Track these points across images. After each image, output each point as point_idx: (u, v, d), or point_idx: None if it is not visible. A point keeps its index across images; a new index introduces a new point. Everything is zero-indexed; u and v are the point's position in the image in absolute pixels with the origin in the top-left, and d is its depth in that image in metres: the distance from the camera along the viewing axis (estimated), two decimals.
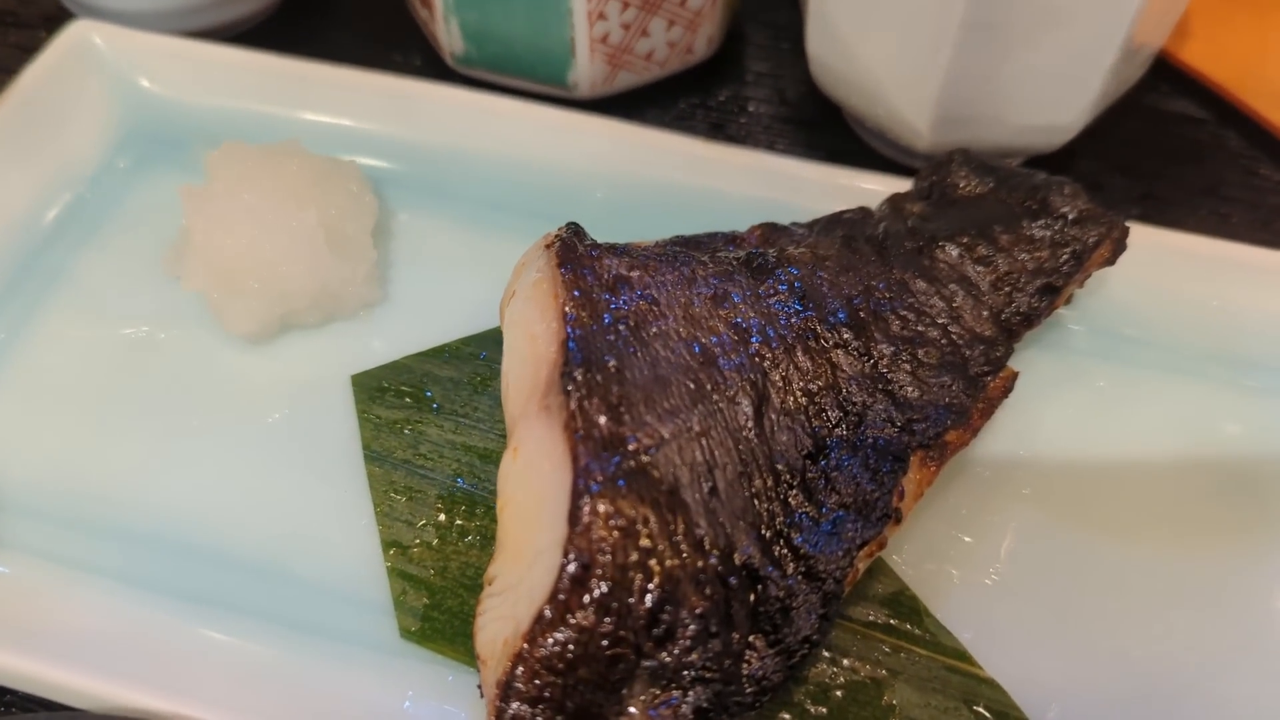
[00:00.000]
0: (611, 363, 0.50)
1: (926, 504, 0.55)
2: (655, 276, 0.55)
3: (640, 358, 0.51)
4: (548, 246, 0.55)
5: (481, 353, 0.62)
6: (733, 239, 0.62)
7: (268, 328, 0.62)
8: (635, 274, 0.55)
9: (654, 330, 0.53)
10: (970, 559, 0.55)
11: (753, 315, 0.54)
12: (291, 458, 0.59)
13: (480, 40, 0.73)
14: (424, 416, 0.60)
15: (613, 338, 0.52)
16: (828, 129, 0.78)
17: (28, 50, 0.82)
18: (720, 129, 0.79)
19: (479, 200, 0.70)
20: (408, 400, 0.60)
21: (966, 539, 0.56)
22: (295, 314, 0.62)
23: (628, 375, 0.50)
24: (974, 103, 0.65)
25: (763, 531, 0.48)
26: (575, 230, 0.55)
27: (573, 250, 0.54)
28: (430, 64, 0.80)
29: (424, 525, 0.55)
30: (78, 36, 0.73)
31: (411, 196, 0.70)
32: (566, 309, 0.51)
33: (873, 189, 0.66)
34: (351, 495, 0.57)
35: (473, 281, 0.65)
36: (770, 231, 0.62)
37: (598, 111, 0.69)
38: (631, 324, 0.53)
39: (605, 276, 0.54)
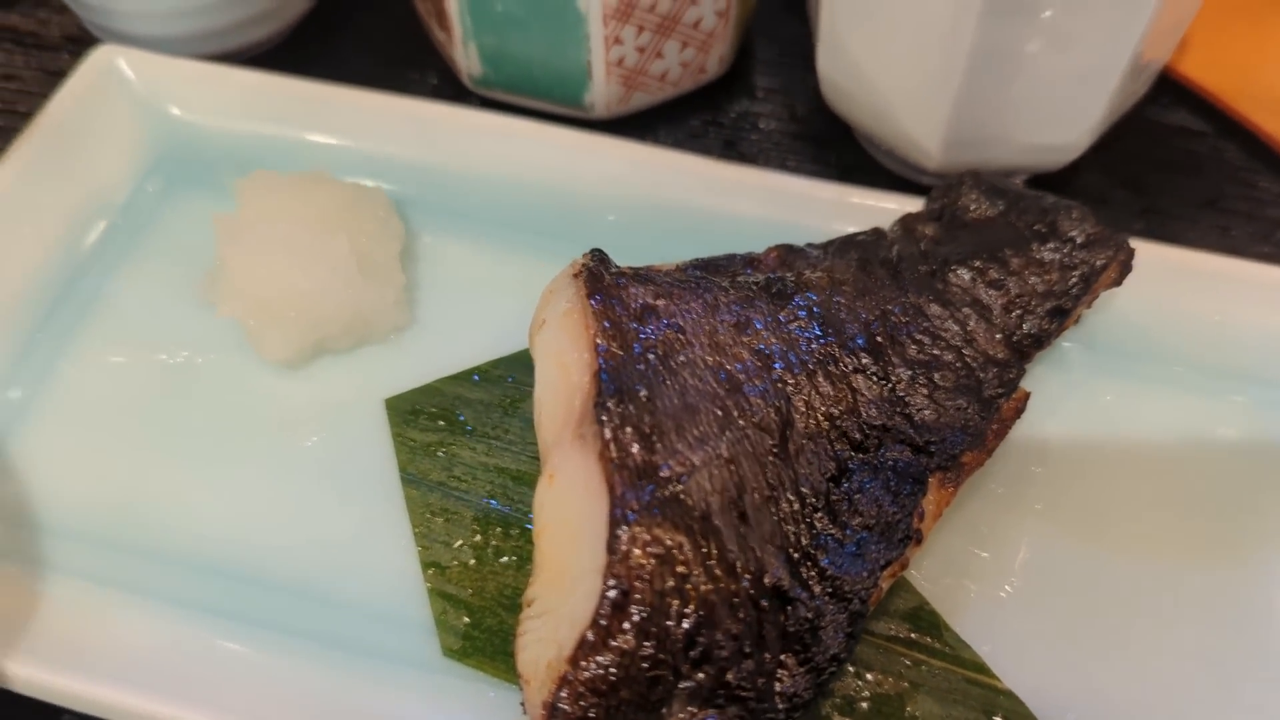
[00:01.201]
0: (642, 392, 0.52)
1: (944, 520, 0.57)
2: (680, 304, 0.57)
3: (669, 386, 0.53)
4: (575, 276, 0.57)
5: (510, 375, 0.64)
6: (750, 261, 0.64)
7: (302, 353, 0.64)
8: (661, 302, 0.57)
9: (681, 359, 0.55)
10: (987, 573, 0.57)
11: (774, 341, 0.56)
12: (329, 480, 0.61)
13: (498, 63, 0.75)
14: (457, 439, 0.62)
15: (642, 367, 0.54)
16: (838, 145, 0.80)
17: (51, 72, 0.84)
18: (732, 146, 0.80)
19: (500, 222, 0.71)
20: (440, 423, 0.62)
21: (983, 554, 0.58)
22: (329, 339, 0.64)
23: (658, 404, 0.52)
24: (983, 124, 0.67)
25: (791, 554, 0.50)
26: (600, 258, 0.57)
27: (600, 280, 0.56)
28: (447, 84, 0.82)
29: (461, 546, 0.58)
30: (104, 62, 0.75)
31: (434, 219, 0.72)
32: (598, 340, 0.53)
33: (885, 208, 0.67)
34: (389, 517, 0.59)
35: (497, 303, 0.67)
36: (787, 254, 0.64)
37: (611, 131, 0.71)
38: (660, 353, 0.55)
39: (633, 306, 0.56)
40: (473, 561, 0.57)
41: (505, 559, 0.57)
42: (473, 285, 0.69)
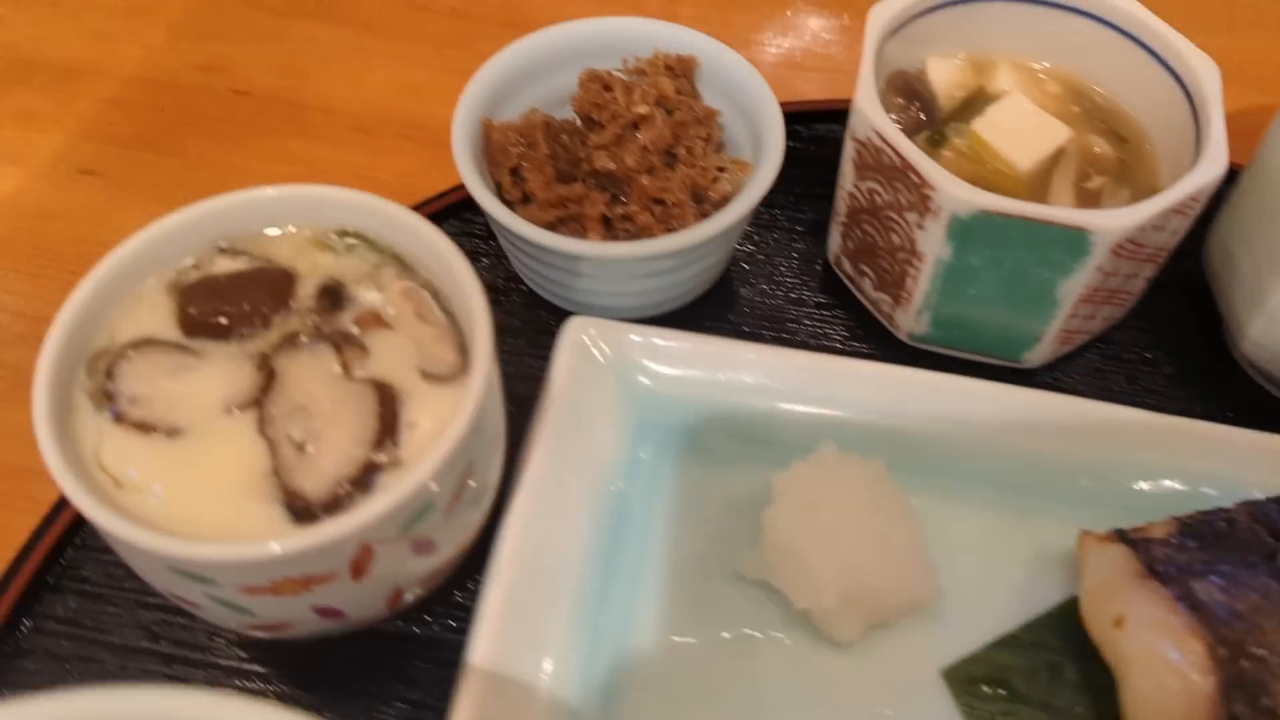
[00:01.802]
0: (1263, 698, 0.59)
1: None
2: (1236, 591, 0.65)
3: (1274, 686, 0.60)
4: (1138, 576, 0.65)
5: (1041, 639, 0.71)
6: (1231, 521, 0.71)
7: (863, 633, 0.70)
8: (1222, 588, 0.64)
9: (1261, 652, 0.62)
10: None
11: None
12: None
13: (946, 327, 0.82)
14: (1016, 708, 0.69)
15: (1247, 664, 0.61)
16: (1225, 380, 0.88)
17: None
18: (1133, 380, 0.88)
19: (966, 477, 0.78)
20: (1001, 690, 0.69)
21: None
22: (890, 617, 0.71)
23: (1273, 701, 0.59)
24: None
25: None
26: (1139, 539, 0.65)
27: (1159, 566, 0.64)
28: (869, 336, 0.89)
29: None
30: (581, 333, 0.81)
31: (915, 480, 0.78)
32: (1202, 643, 0.61)
33: None
34: None
35: (1001, 564, 0.74)
36: (1258, 511, 0.72)
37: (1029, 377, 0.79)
38: (1249, 643, 0.62)
39: (1211, 596, 0.64)
40: None
41: None
42: (971, 547, 0.76)
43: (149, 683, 0.73)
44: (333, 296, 0.68)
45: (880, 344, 0.87)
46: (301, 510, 0.59)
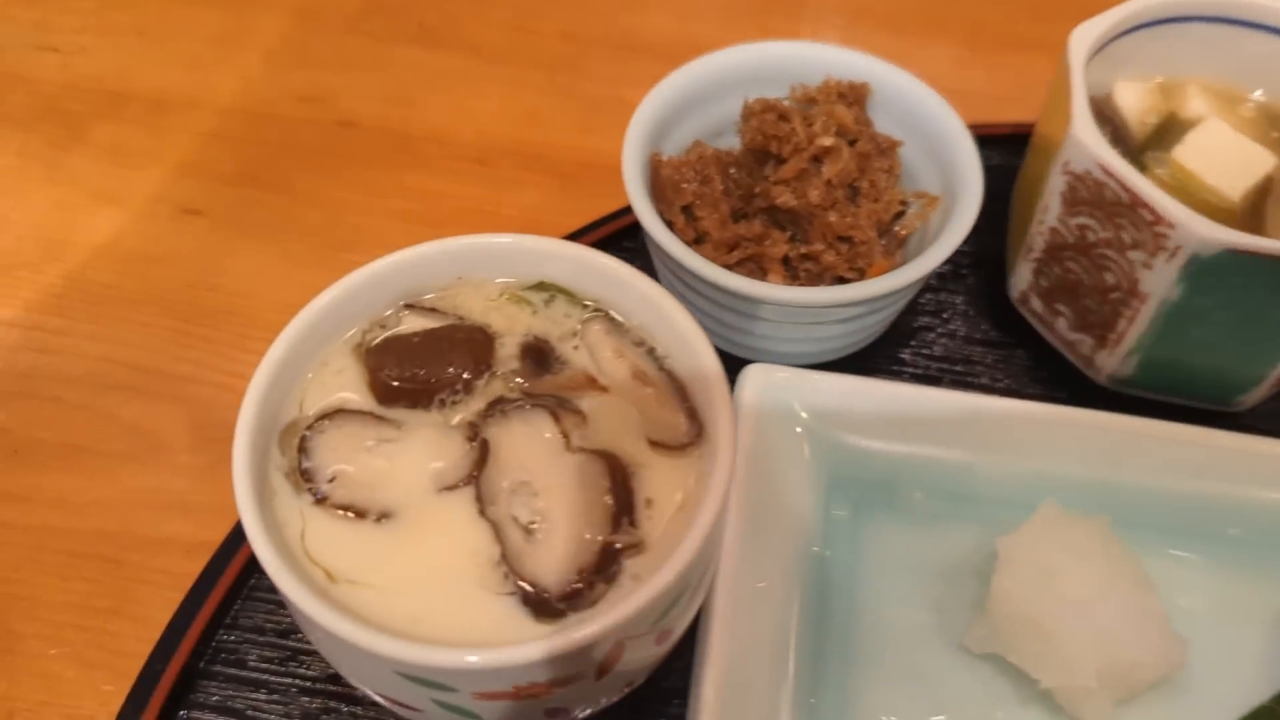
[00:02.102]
0: None
1: None
2: None
3: None
4: None
5: None
6: None
7: (1112, 711, 0.65)
8: None
9: None
10: None
11: None
12: None
13: (1155, 369, 0.77)
14: None
15: None
16: None
17: None
18: None
19: (1213, 536, 0.72)
20: None
21: None
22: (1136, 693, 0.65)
23: None
24: None
25: None
26: None
27: None
28: (1053, 377, 0.83)
29: None
30: (762, 381, 0.75)
31: (1142, 539, 0.73)
32: None
33: None
34: None
35: (1244, 628, 0.69)
36: None
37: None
38: None
39: None
40: None
41: None
42: (1201, 610, 0.70)
43: None
44: (537, 357, 0.62)
45: (1069, 387, 0.81)
46: (539, 603, 0.53)
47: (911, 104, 0.79)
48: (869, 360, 0.81)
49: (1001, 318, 0.86)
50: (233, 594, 0.73)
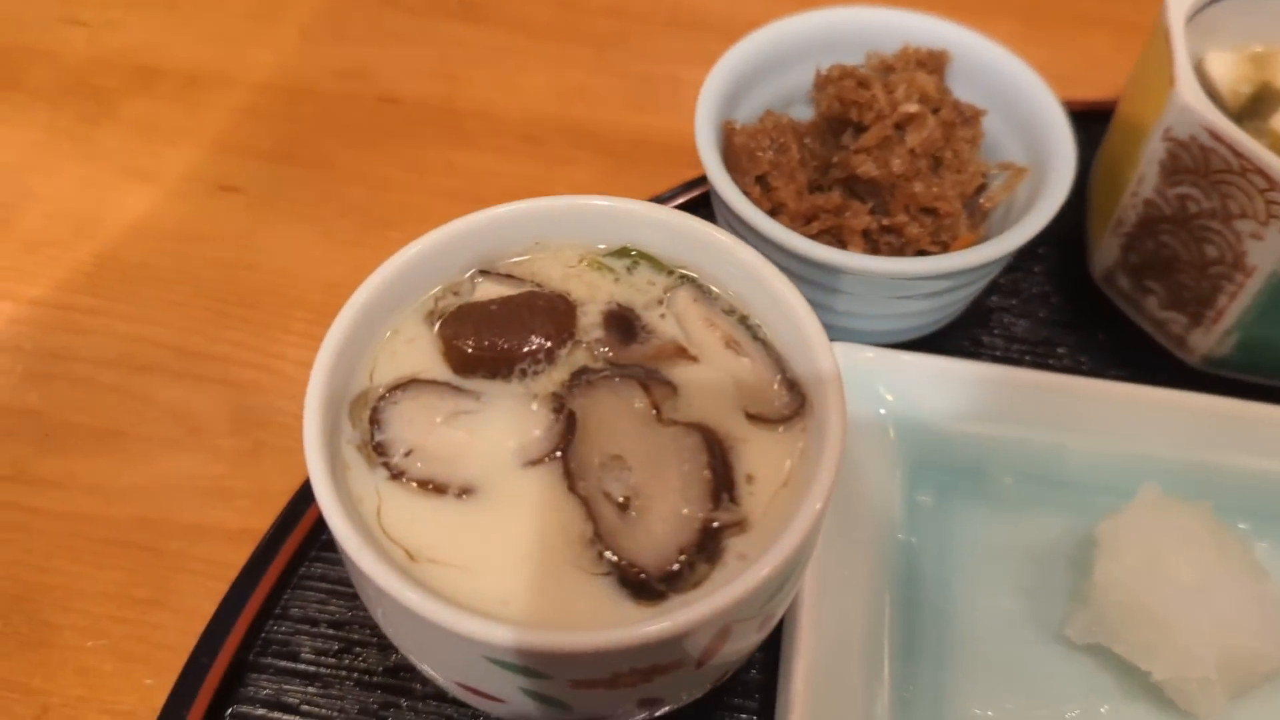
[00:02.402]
0: None
1: None
2: None
3: None
4: None
5: None
6: None
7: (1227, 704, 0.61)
8: None
9: None
10: None
11: None
12: None
13: (1254, 349, 0.73)
14: None
15: None
16: None
17: None
18: None
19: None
20: None
21: None
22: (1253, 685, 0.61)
23: None
24: None
25: None
26: None
27: None
28: (1138, 358, 0.80)
29: None
30: (846, 360, 0.71)
31: (1246, 526, 0.69)
32: None
33: None
34: None
35: None
36: None
37: None
38: None
39: None
40: None
41: None
42: None
43: None
44: (622, 325, 0.58)
45: (1157, 369, 0.77)
46: (638, 584, 0.49)
47: (996, 72, 0.76)
48: (946, 343, 0.77)
49: (1083, 298, 0.82)
50: (282, 583, 0.69)
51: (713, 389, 0.55)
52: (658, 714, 0.55)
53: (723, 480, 0.52)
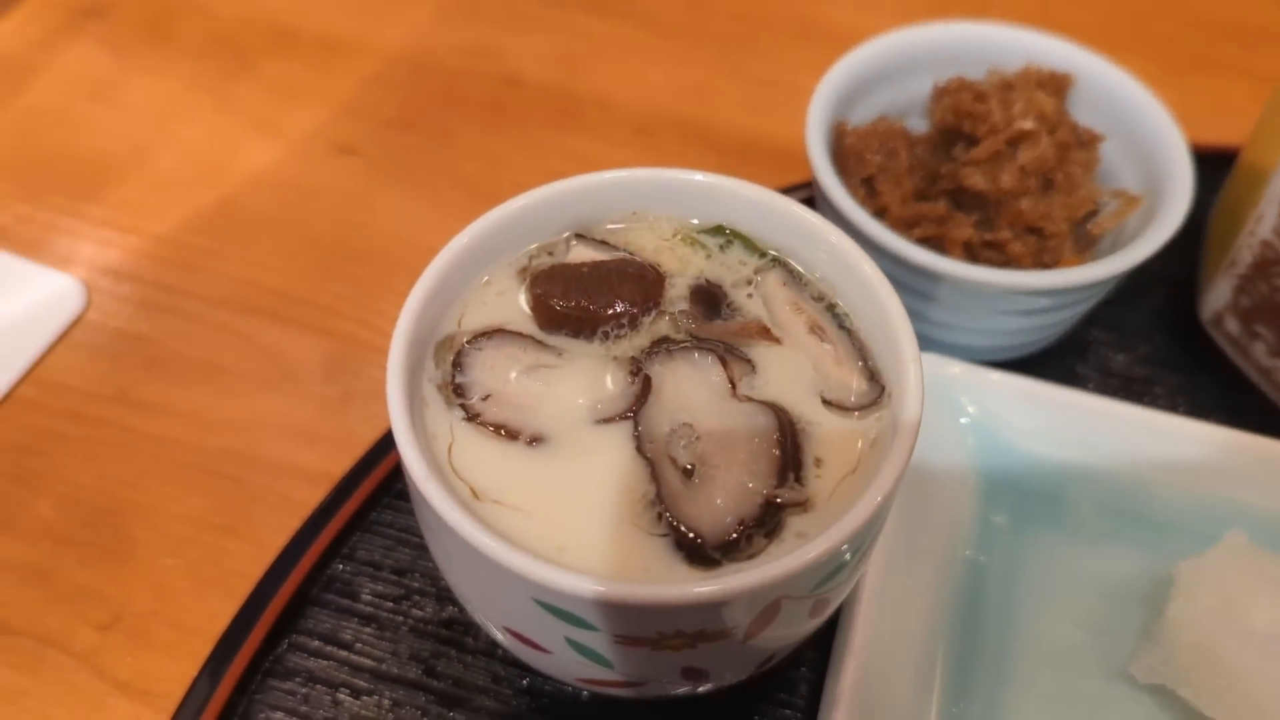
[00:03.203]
0: None
1: None
2: None
3: None
4: None
5: None
6: None
7: None
8: None
9: None
10: None
11: None
12: None
13: None
14: None
15: None
16: None
17: None
18: None
19: None
20: None
21: None
22: None
23: None
24: None
25: None
26: None
27: None
28: (1240, 405, 0.77)
29: None
30: (932, 371, 0.70)
31: None
32: None
33: None
34: None
35: None
36: None
37: None
38: None
39: None
40: None
41: None
42: None
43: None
44: (708, 300, 0.58)
45: (1258, 417, 0.75)
46: (694, 549, 0.49)
47: (1120, 99, 0.75)
48: (1040, 368, 0.76)
49: (1188, 339, 0.79)
50: (351, 526, 0.71)
51: (791, 371, 0.55)
52: (700, 689, 0.55)
53: (790, 460, 0.52)
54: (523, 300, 0.58)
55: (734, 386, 0.54)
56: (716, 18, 1.06)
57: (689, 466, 0.51)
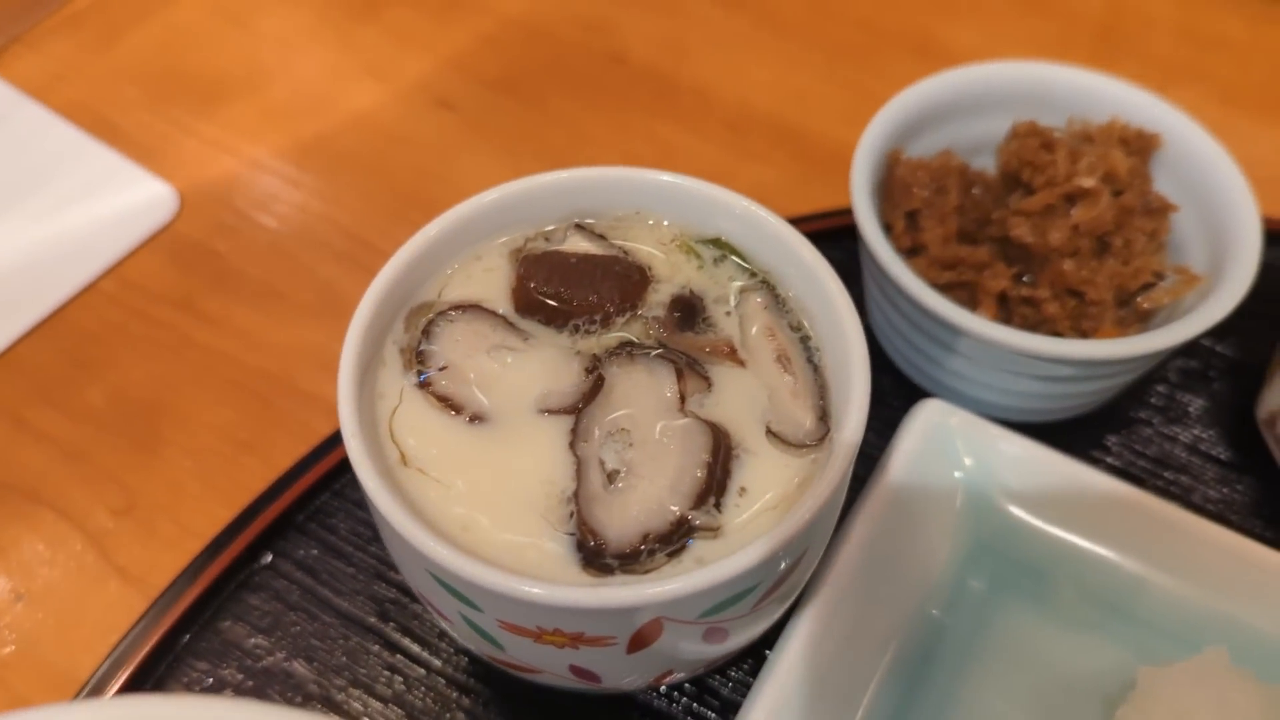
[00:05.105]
0: None
1: None
2: None
3: None
4: None
5: None
6: None
7: None
8: None
9: None
10: None
11: None
12: None
13: None
14: None
15: None
16: None
17: None
18: None
19: None
20: None
21: None
22: None
23: None
24: None
25: None
26: None
27: None
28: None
29: None
30: (935, 419, 0.68)
31: None
32: None
33: None
34: None
35: None
36: None
37: None
38: None
39: None
40: None
41: None
42: None
43: (363, 660, 0.66)
44: (686, 311, 0.58)
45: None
46: (592, 553, 0.50)
47: (1200, 165, 0.69)
48: (1067, 435, 0.72)
49: (1238, 436, 0.74)
50: (344, 467, 0.74)
51: (745, 396, 0.55)
52: (597, 689, 0.55)
53: (714, 484, 0.51)
54: (506, 281, 0.59)
55: (683, 401, 0.54)
56: (838, 23, 1.04)
57: (614, 472, 0.51)
